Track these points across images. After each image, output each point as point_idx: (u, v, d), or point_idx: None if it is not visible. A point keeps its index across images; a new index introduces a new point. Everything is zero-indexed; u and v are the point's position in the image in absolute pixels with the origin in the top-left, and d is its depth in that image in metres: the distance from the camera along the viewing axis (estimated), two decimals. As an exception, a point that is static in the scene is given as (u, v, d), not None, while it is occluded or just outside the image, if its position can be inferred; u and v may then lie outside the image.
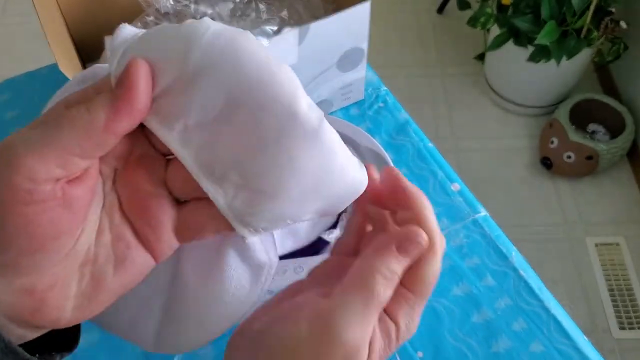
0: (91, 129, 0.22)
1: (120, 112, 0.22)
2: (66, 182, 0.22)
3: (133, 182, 0.25)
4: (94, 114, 0.22)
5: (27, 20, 1.71)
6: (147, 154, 0.25)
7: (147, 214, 0.25)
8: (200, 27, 0.22)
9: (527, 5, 1.30)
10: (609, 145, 1.35)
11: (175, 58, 0.22)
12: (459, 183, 0.60)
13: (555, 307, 0.52)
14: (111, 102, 0.22)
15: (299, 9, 0.59)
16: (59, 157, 0.21)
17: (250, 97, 0.22)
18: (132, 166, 0.25)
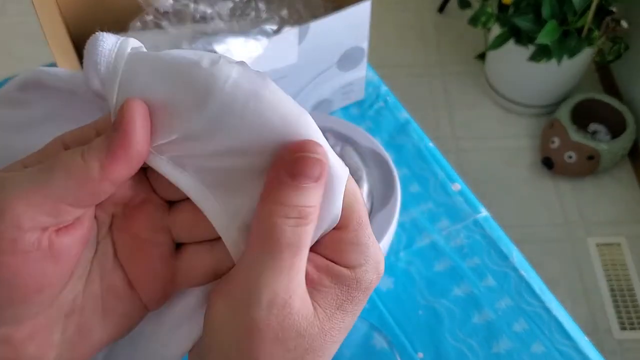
0: (85, 177, 0.20)
1: (116, 159, 0.20)
2: (55, 230, 0.20)
3: (132, 229, 0.24)
4: (89, 161, 0.20)
5: (26, 20, 1.71)
6: (148, 199, 0.24)
7: (145, 261, 0.23)
8: (221, 76, 0.20)
9: (528, 5, 1.30)
10: (610, 145, 1.35)
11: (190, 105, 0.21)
12: (460, 183, 0.60)
13: (556, 307, 0.52)
14: (107, 148, 0.20)
15: (299, 8, 0.59)
16: (49, 205, 0.20)
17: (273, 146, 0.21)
18: (131, 212, 0.24)
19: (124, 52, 0.21)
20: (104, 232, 0.24)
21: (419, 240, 0.56)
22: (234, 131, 0.21)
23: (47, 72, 0.23)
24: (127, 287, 0.24)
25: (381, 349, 0.50)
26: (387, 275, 0.54)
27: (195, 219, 0.23)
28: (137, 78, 0.21)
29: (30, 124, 0.23)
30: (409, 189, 0.60)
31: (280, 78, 0.55)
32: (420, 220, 0.57)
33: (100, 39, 0.21)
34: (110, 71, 0.21)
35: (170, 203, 0.25)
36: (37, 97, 0.24)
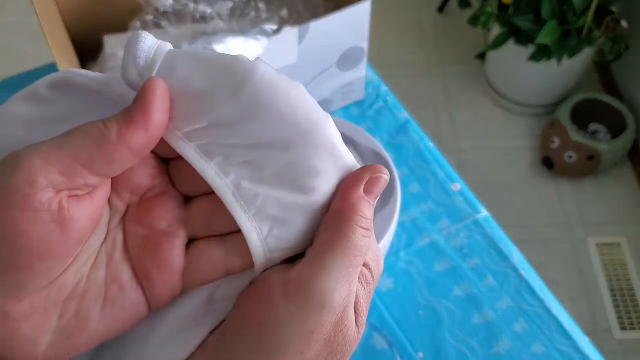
0: (102, 138, 0.20)
1: (134, 124, 0.21)
2: (67, 196, 0.20)
3: (148, 220, 0.24)
4: (108, 125, 0.21)
5: (25, 20, 1.71)
6: (166, 191, 0.24)
7: (158, 254, 0.23)
8: (259, 69, 0.22)
9: (528, 5, 1.30)
10: (611, 145, 1.35)
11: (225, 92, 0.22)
12: (460, 183, 0.60)
13: (556, 307, 0.52)
14: (126, 115, 0.21)
15: (299, 8, 0.59)
16: (65, 164, 0.20)
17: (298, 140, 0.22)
18: (148, 203, 0.24)
19: (164, 50, 0.22)
20: (116, 221, 0.24)
21: (419, 240, 0.56)
22: (263, 123, 0.22)
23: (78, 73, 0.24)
24: (133, 280, 0.23)
25: (381, 349, 0.50)
26: (387, 275, 0.54)
27: (212, 212, 0.24)
28: (174, 70, 0.22)
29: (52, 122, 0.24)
30: (409, 188, 0.60)
31: (280, 78, 0.55)
32: (421, 220, 0.57)
33: (142, 36, 0.22)
34: (149, 64, 0.22)
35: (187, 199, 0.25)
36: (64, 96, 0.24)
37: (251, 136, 0.22)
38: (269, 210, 0.22)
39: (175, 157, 0.23)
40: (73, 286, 0.22)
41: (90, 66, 0.57)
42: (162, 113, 0.21)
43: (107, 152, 0.21)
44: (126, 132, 0.21)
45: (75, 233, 0.21)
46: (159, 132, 0.22)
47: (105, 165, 0.21)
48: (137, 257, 0.23)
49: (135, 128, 0.21)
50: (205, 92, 0.22)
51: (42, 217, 0.20)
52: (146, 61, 0.22)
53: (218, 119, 0.22)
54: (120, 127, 0.21)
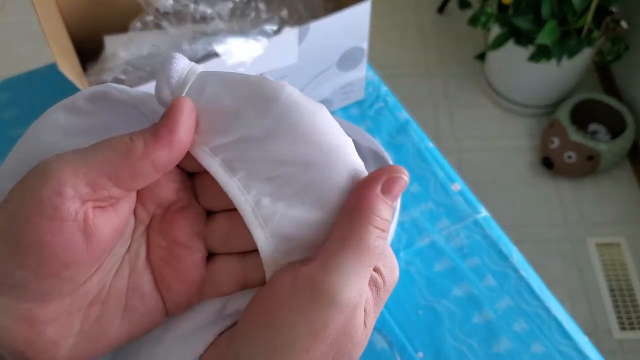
0: (129, 153, 0.21)
1: (160, 140, 0.22)
2: (92, 207, 0.21)
3: (170, 232, 0.24)
4: (135, 140, 0.22)
5: (26, 20, 1.71)
6: (190, 205, 0.25)
7: (178, 266, 0.24)
8: (286, 89, 0.23)
9: (527, 5, 1.30)
10: (610, 145, 1.35)
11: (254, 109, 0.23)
12: (460, 183, 0.60)
13: (556, 307, 0.52)
14: (152, 131, 0.22)
15: (299, 8, 0.59)
16: (91, 176, 0.21)
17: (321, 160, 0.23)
18: (172, 215, 0.25)
19: (196, 71, 0.24)
20: (140, 231, 0.24)
21: (419, 240, 0.56)
22: (288, 141, 0.23)
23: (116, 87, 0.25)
24: (154, 289, 0.24)
25: (381, 349, 0.50)
26: (387, 275, 0.54)
27: (231, 229, 0.24)
28: (204, 89, 0.23)
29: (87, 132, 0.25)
30: (409, 189, 0.60)
31: (280, 78, 0.55)
32: (420, 220, 0.57)
33: (175, 58, 0.24)
34: (181, 83, 0.23)
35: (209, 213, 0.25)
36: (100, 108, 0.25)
37: (275, 153, 0.23)
38: (286, 228, 0.23)
39: (200, 172, 0.24)
40: (96, 293, 0.23)
41: (90, 66, 0.57)
42: (187, 131, 0.22)
43: (131, 166, 0.21)
44: (151, 148, 0.21)
45: (99, 243, 0.22)
46: (183, 149, 0.22)
47: (130, 179, 0.22)
48: (158, 268, 0.24)
49: (160, 144, 0.22)
50: (234, 109, 0.23)
51: (69, 227, 0.20)
52: (178, 81, 0.23)
53: (245, 135, 0.23)
54: (146, 142, 0.21)
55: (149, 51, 0.53)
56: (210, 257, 0.25)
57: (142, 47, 0.53)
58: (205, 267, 0.25)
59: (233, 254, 0.25)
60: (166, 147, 0.22)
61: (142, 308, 0.24)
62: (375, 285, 0.23)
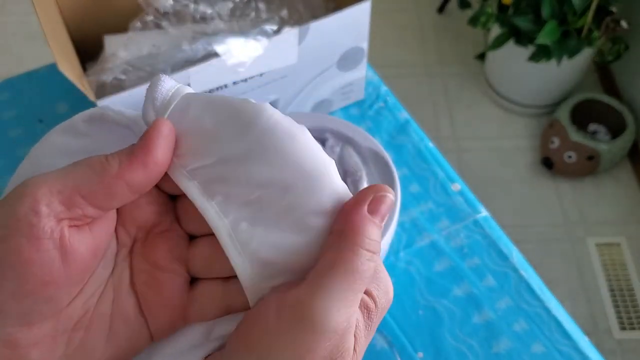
0: (103, 172, 0.21)
1: (135, 161, 0.21)
2: (68, 226, 0.21)
3: (151, 256, 0.24)
4: (110, 159, 0.22)
5: (26, 20, 1.71)
6: (171, 229, 0.25)
7: (159, 290, 0.24)
8: (266, 111, 0.22)
9: (527, 5, 1.30)
10: (610, 145, 1.35)
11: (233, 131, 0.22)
12: (460, 183, 0.60)
13: (556, 307, 0.52)
14: (128, 151, 0.22)
15: (299, 8, 0.59)
16: (65, 194, 0.21)
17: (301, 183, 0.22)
18: (153, 239, 0.25)
19: (180, 92, 0.24)
20: (123, 254, 0.24)
21: (419, 240, 0.56)
22: (267, 164, 0.22)
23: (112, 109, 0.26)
24: (138, 313, 0.24)
25: (381, 349, 0.50)
26: (387, 275, 0.54)
27: (213, 255, 0.24)
28: (187, 111, 0.23)
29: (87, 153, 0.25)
30: (409, 189, 0.60)
31: (280, 78, 0.55)
32: (420, 220, 0.57)
33: (161, 80, 0.24)
34: (165, 104, 0.24)
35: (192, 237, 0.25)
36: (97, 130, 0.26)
37: (254, 177, 0.22)
38: (265, 253, 0.22)
39: (182, 195, 0.24)
40: (80, 317, 0.23)
41: (90, 66, 0.57)
42: (163, 152, 0.22)
43: (105, 186, 0.21)
44: (125, 168, 0.21)
45: (76, 262, 0.21)
46: (159, 171, 0.22)
47: (104, 198, 0.21)
48: (141, 291, 0.24)
49: (134, 165, 0.21)
50: (214, 132, 0.23)
51: (45, 245, 0.20)
52: (162, 102, 0.24)
53: (223, 158, 0.22)
54: (122, 162, 0.21)
55: (149, 51, 0.53)
56: (194, 282, 0.25)
57: (142, 47, 0.53)
58: (187, 291, 0.25)
59: (216, 279, 0.24)
60: (141, 168, 0.22)
61: (127, 332, 0.24)
62: (367, 309, 0.22)
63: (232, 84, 0.53)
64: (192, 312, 0.24)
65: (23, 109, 0.67)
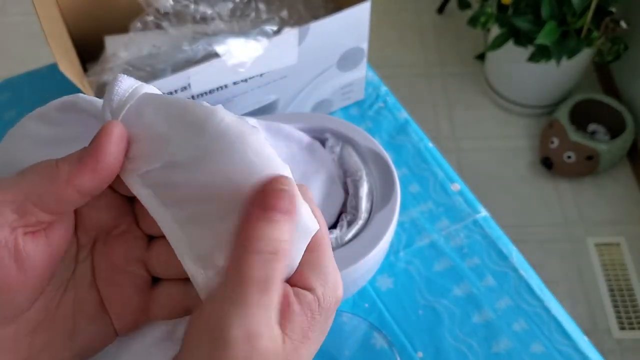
0: (53, 178, 0.21)
1: (85, 167, 0.21)
2: (22, 233, 0.21)
3: (111, 257, 0.24)
4: (60, 165, 0.21)
5: (26, 20, 1.71)
6: (130, 230, 0.25)
7: (119, 289, 0.24)
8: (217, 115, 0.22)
9: (527, 5, 1.30)
10: (610, 145, 1.35)
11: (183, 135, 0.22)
12: (459, 183, 0.60)
13: (555, 307, 0.52)
14: (78, 157, 0.21)
15: (299, 8, 0.59)
16: (17, 202, 0.21)
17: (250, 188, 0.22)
18: (113, 240, 0.25)
19: (137, 93, 0.23)
20: (84, 254, 0.25)
21: (418, 240, 0.56)
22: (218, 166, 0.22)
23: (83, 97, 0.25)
24: (100, 310, 0.24)
25: (381, 349, 0.50)
26: (387, 275, 0.54)
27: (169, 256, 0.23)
28: (141, 114, 0.23)
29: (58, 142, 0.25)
30: (408, 189, 0.60)
31: (280, 78, 0.56)
32: (420, 220, 0.58)
33: (119, 80, 0.24)
34: (120, 106, 0.23)
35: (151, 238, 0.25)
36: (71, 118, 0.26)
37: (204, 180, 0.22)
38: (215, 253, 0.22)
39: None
40: (42, 319, 0.23)
41: (91, 66, 0.57)
42: (114, 157, 0.22)
43: (56, 192, 0.21)
44: (75, 174, 0.21)
45: (34, 268, 0.21)
46: (109, 175, 0.22)
47: (55, 204, 0.21)
48: (103, 290, 0.24)
49: (84, 170, 0.21)
50: (166, 135, 0.22)
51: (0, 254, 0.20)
52: (118, 103, 0.23)
53: (174, 161, 0.22)
54: (71, 168, 0.21)
55: (149, 51, 0.53)
56: (157, 281, 0.25)
57: (142, 48, 0.53)
58: (148, 290, 0.25)
59: (177, 280, 0.24)
60: (90, 172, 0.21)
61: (90, 330, 0.24)
62: (310, 308, 0.21)
63: (232, 84, 0.53)
64: (154, 310, 0.25)
65: (23, 109, 0.67)
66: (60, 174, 0.21)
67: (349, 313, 0.47)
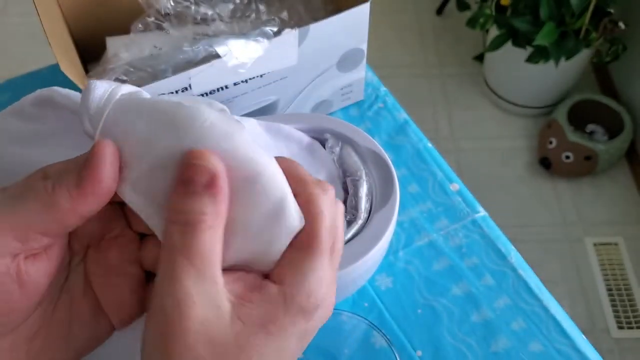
0: (55, 208, 0.21)
1: (85, 194, 0.21)
2: (24, 257, 0.21)
3: (105, 260, 0.25)
4: (59, 193, 0.21)
5: (27, 21, 1.71)
6: (123, 234, 0.25)
7: (116, 290, 0.25)
8: (200, 116, 0.22)
9: (526, 6, 1.30)
10: (608, 145, 1.36)
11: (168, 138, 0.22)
12: (458, 183, 0.60)
13: (554, 306, 0.52)
14: (76, 183, 0.21)
15: (299, 10, 0.59)
16: (19, 232, 0.21)
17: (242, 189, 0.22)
18: (106, 244, 0.25)
19: (113, 98, 0.23)
20: (76, 261, 0.25)
21: (417, 239, 0.57)
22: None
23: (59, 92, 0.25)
24: (95, 312, 0.25)
25: (380, 348, 0.50)
26: (387, 274, 0.55)
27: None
28: (120, 119, 0.23)
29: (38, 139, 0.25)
30: (407, 189, 0.60)
31: (280, 79, 0.56)
32: (419, 220, 0.58)
33: (93, 87, 0.23)
34: (98, 114, 0.23)
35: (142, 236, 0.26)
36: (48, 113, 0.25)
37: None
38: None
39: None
40: (38, 327, 0.23)
41: (92, 67, 0.58)
42: (110, 179, 0.22)
43: (58, 219, 0.21)
44: (77, 201, 0.21)
45: (35, 287, 0.22)
46: (108, 195, 0.22)
47: (57, 229, 0.22)
48: (99, 293, 0.25)
49: (84, 196, 0.21)
50: (148, 139, 0.22)
51: (2, 282, 0.21)
52: (96, 110, 0.23)
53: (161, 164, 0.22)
54: (71, 194, 0.21)
55: (150, 52, 0.54)
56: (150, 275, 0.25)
57: (143, 48, 0.53)
58: (143, 287, 0.25)
59: None
60: (90, 197, 0.21)
61: (85, 332, 0.24)
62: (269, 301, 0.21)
63: (232, 85, 0.53)
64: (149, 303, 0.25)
65: (24, 109, 0.67)
66: (61, 200, 0.21)
67: (349, 312, 0.47)
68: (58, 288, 0.24)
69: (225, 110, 0.23)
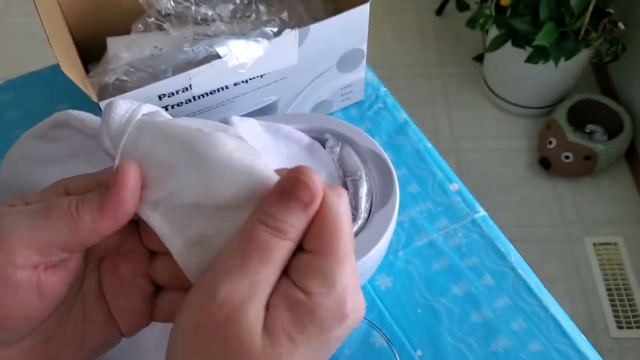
0: (77, 228, 0.22)
1: (107, 216, 0.23)
2: (44, 268, 0.23)
3: (117, 272, 0.26)
4: (82, 214, 0.23)
5: (28, 21, 1.71)
6: (135, 249, 0.26)
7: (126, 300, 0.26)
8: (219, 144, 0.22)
9: (525, 7, 1.30)
10: (607, 145, 1.36)
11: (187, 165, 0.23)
12: (458, 183, 0.60)
13: (554, 306, 0.53)
14: (99, 205, 0.23)
15: (300, 10, 0.59)
16: (42, 247, 0.22)
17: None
18: (120, 258, 0.26)
19: (134, 118, 0.24)
20: (91, 268, 0.26)
21: (417, 239, 0.57)
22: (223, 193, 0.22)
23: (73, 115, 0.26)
24: (107, 317, 0.26)
25: (380, 347, 0.50)
26: (386, 274, 0.55)
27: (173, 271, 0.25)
28: (141, 141, 0.23)
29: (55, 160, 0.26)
30: (407, 189, 0.60)
31: (280, 79, 0.56)
32: (419, 220, 0.58)
33: (115, 105, 0.24)
34: (119, 134, 0.24)
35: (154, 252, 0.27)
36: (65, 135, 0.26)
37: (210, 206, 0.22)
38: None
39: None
40: (54, 330, 0.25)
41: (92, 67, 0.58)
42: (132, 203, 0.23)
43: (80, 239, 0.23)
44: (99, 222, 0.23)
45: (53, 295, 0.23)
46: (128, 217, 0.23)
47: (78, 246, 0.23)
48: (110, 300, 0.26)
49: (106, 218, 0.23)
50: (170, 164, 0.23)
51: (23, 290, 0.22)
52: (117, 130, 0.24)
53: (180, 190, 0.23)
54: (94, 217, 0.22)
55: (151, 52, 0.54)
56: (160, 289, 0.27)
57: (144, 49, 0.53)
58: (152, 300, 0.26)
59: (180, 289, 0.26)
60: (112, 220, 0.23)
61: (99, 335, 0.26)
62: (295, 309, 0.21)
63: (232, 85, 0.53)
64: (157, 315, 0.27)
65: (25, 110, 0.67)
66: (84, 223, 0.22)
67: (349, 312, 0.48)
68: (73, 294, 0.25)
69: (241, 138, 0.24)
